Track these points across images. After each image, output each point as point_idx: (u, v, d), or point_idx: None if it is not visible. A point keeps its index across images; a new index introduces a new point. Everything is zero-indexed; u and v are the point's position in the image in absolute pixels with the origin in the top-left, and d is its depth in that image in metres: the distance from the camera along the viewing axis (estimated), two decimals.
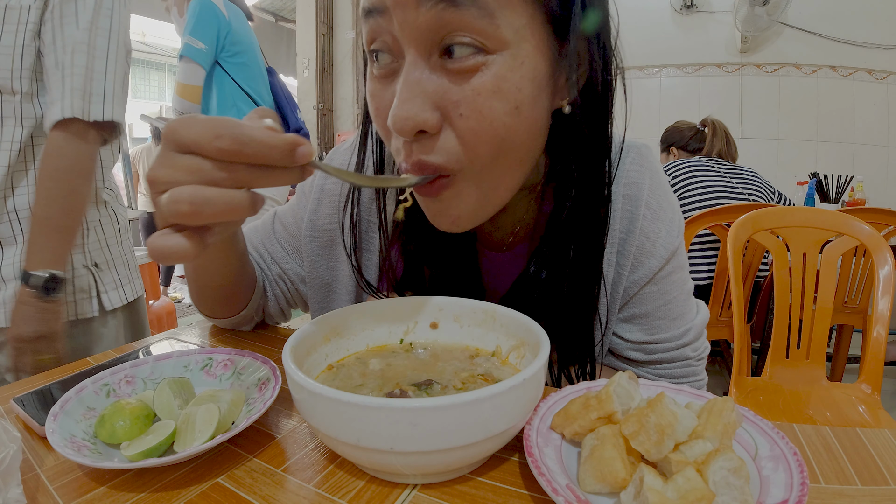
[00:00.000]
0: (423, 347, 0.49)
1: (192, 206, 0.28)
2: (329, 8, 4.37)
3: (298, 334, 0.42)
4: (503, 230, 0.54)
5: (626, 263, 0.52)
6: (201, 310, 0.63)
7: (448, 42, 0.35)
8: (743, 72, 3.21)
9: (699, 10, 3.23)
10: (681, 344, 0.54)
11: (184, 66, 1.60)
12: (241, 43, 1.68)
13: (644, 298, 0.53)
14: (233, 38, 1.66)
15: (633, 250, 0.51)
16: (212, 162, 0.29)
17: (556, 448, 0.35)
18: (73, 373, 0.52)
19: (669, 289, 0.53)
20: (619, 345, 0.56)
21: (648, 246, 0.52)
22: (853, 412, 1.11)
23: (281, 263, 0.65)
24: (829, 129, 3.09)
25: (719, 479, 0.29)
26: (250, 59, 1.71)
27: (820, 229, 1.22)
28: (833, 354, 2.05)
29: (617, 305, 0.53)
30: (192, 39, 1.56)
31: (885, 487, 0.33)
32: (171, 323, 2.21)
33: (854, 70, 2.99)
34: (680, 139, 2.17)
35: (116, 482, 0.35)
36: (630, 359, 0.56)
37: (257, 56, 1.75)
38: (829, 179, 2.33)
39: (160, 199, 0.30)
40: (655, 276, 0.52)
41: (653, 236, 0.52)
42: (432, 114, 0.36)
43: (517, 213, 0.53)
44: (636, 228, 0.51)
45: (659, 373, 0.56)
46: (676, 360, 0.55)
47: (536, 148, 0.42)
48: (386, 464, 0.33)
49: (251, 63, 1.72)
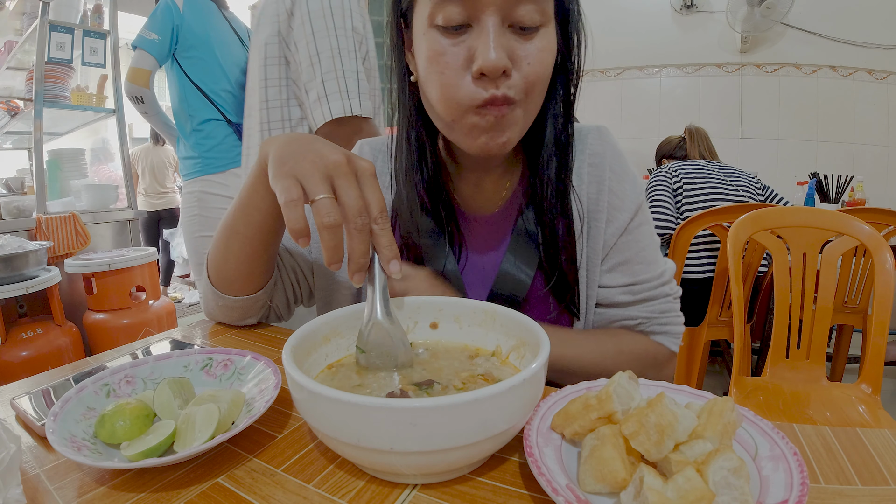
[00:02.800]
0: (424, 347, 0.49)
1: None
2: None
3: (298, 334, 0.41)
4: (486, 194, 0.66)
5: (601, 218, 0.63)
6: (218, 284, 0.63)
7: (519, 18, 0.49)
8: (743, 72, 3.20)
9: (699, 10, 3.23)
10: (661, 283, 0.64)
11: (135, 55, 1.71)
12: (195, 38, 1.75)
13: (622, 247, 0.63)
14: (186, 32, 1.73)
15: (605, 206, 0.63)
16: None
17: (556, 448, 0.35)
18: (73, 373, 0.52)
19: (641, 238, 0.64)
20: (608, 293, 0.64)
21: (617, 202, 0.63)
22: (853, 412, 1.11)
23: (294, 253, 0.69)
24: (829, 129, 3.08)
25: (719, 479, 0.29)
26: (205, 53, 1.77)
27: (820, 229, 1.22)
28: (833, 354, 2.05)
29: (599, 258, 0.63)
30: (145, 31, 1.70)
31: (885, 487, 0.33)
32: (171, 323, 2.21)
33: (854, 70, 2.99)
34: (669, 149, 2.33)
35: (116, 482, 0.35)
36: (620, 303, 0.64)
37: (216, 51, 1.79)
38: (829, 179, 2.33)
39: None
40: (627, 227, 0.63)
41: (620, 194, 0.63)
42: (509, 61, 0.50)
43: (501, 182, 0.65)
44: (605, 189, 0.63)
45: (646, 310, 0.63)
46: (659, 297, 0.64)
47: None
48: (386, 464, 0.33)
49: (207, 58, 1.77)
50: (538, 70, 0.51)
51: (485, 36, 0.49)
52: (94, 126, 2.65)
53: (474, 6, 0.49)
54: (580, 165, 0.64)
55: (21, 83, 2.58)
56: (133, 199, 2.39)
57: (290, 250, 0.69)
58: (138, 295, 2.06)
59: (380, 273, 0.45)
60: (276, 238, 0.59)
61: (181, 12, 1.71)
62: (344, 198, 0.42)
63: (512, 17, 0.49)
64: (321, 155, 0.43)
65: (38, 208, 2.03)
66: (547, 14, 0.51)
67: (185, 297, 4.13)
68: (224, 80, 1.80)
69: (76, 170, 2.41)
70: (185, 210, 1.83)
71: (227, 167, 1.78)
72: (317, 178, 0.42)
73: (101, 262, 1.93)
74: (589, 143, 0.64)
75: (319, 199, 0.41)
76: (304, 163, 0.43)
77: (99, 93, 2.32)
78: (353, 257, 0.42)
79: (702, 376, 1.79)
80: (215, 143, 1.77)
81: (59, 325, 1.85)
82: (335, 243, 0.41)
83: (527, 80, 0.51)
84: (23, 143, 3.29)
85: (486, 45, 0.48)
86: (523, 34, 0.50)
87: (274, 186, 0.44)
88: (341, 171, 0.43)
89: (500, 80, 0.50)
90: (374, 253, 0.44)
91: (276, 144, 0.46)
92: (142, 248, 2.22)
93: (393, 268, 0.44)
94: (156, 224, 4.05)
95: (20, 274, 1.71)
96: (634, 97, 3.49)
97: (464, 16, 0.49)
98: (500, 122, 0.52)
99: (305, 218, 0.42)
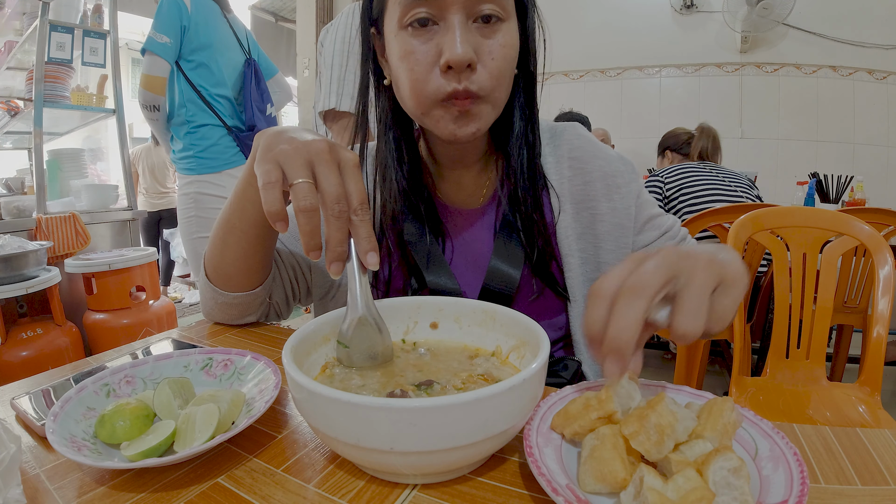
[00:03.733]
0: (424, 347, 0.49)
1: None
2: (329, 8, 4.37)
3: (298, 334, 0.41)
4: (467, 191, 0.69)
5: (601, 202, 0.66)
6: (216, 281, 0.63)
7: (480, 11, 0.53)
8: (743, 72, 3.20)
9: (699, 10, 3.22)
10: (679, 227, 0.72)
11: (148, 60, 1.66)
12: (199, 41, 1.71)
13: (642, 207, 0.69)
14: (192, 34, 1.69)
15: (602, 190, 0.66)
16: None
17: (556, 448, 0.35)
18: (73, 373, 0.52)
19: (650, 198, 0.71)
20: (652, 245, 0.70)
21: (618, 181, 0.67)
22: (853, 412, 1.11)
23: (294, 250, 0.69)
24: (829, 129, 3.08)
25: (719, 479, 0.29)
26: (208, 58, 1.74)
27: (820, 229, 1.22)
28: (833, 354, 2.05)
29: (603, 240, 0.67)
30: (155, 34, 1.63)
31: (885, 487, 0.33)
32: (171, 323, 2.21)
33: (854, 70, 2.99)
34: (675, 143, 2.32)
35: (116, 482, 0.35)
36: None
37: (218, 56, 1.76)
38: (829, 179, 2.32)
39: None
40: (640, 193, 0.69)
41: (615, 173, 0.67)
42: (475, 55, 0.53)
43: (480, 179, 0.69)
44: (596, 178, 0.66)
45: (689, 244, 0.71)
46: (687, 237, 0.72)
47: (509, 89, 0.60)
48: (386, 464, 0.33)
49: (209, 63, 1.74)
50: (501, 65, 0.55)
51: (451, 32, 0.52)
52: (94, 126, 2.65)
53: (440, 5, 0.52)
54: (559, 160, 0.68)
55: (21, 83, 2.58)
56: (133, 199, 2.39)
57: (287, 244, 0.70)
58: (138, 295, 2.06)
59: (359, 266, 0.45)
60: (271, 232, 0.60)
61: (189, 12, 1.66)
62: (323, 184, 0.42)
63: (475, 13, 0.53)
64: (304, 142, 0.44)
65: (38, 208, 2.03)
66: (507, 10, 0.55)
67: (185, 297, 4.13)
68: (223, 86, 1.79)
69: (76, 170, 2.41)
70: (181, 211, 1.82)
71: (223, 168, 1.77)
72: (297, 163, 0.42)
73: (101, 262, 1.93)
74: (566, 139, 0.69)
75: (297, 182, 0.42)
76: (286, 149, 0.43)
77: (99, 93, 2.32)
78: (330, 245, 0.42)
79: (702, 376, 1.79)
80: (210, 143, 1.76)
81: (59, 325, 1.85)
82: (311, 228, 0.41)
83: (491, 74, 0.54)
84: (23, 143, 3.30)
85: (452, 41, 0.52)
86: (487, 28, 0.54)
87: (256, 171, 0.44)
88: (323, 158, 0.43)
89: (465, 75, 0.53)
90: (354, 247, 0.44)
91: (266, 135, 0.47)
92: (142, 248, 2.22)
93: (371, 259, 0.44)
94: (156, 224, 4.04)
95: (20, 274, 1.71)
96: (634, 97, 3.49)
97: (430, 15, 0.53)
98: (465, 114, 0.56)
99: (282, 201, 0.43)
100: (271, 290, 0.68)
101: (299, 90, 4.48)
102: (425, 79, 0.54)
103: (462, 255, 0.67)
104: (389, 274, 0.65)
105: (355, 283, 0.45)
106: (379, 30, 0.60)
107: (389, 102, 0.63)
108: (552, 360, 0.62)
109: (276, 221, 0.42)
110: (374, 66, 0.63)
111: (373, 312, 0.45)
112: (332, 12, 4.38)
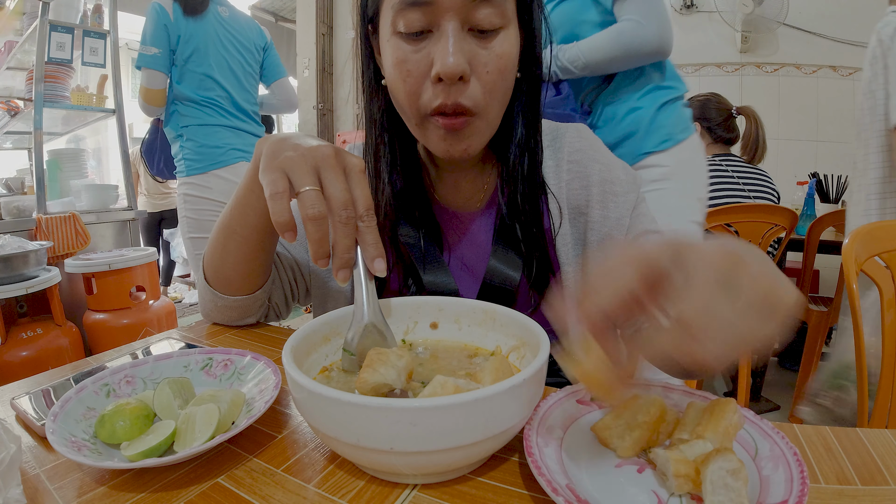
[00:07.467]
0: (424, 347, 0.49)
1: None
2: (329, 8, 4.37)
3: (298, 334, 0.41)
4: (465, 193, 0.67)
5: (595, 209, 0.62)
6: (215, 285, 0.63)
7: (476, 20, 0.49)
8: (743, 72, 3.20)
9: (699, 10, 3.22)
10: None
11: (144, 74, 1.68)
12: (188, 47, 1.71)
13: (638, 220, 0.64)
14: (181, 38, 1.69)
15: (598, 196, 0.62)
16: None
17: (556, 448, 0.35)
18: (73, 373, 0.52)
19: (648, 212, 0.65)
20: None
21: (615, 188, 0.63)
22: None
23: (293, 251, 0.69)
24: (829, 129, 3.08)
25: (717, 480, 0.29)
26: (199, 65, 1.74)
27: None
28: None
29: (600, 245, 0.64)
30: (144, 48, 1.65)
31: (885, 487, 0.33)
32: (171, 323, 2.20)
33: (854, 70, 2.98)
34: (715, 119, 1.95)
35: (116, 482, 0.35)
36: None
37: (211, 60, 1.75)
38: (829, 179, 2.32)
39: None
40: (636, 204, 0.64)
41: (614, 180, 0.63)
42: (468, 66, 0.50)
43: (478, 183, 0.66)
44: (594, 182, 0.63)
45: None
46: None
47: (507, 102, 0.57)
48: (386, 464, 0.33)
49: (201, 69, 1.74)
50: (496, 78, 0.52)
51: (444, 41, 0.49)
52: (94, 126, 2.65)
53: (433, 12, 0.49)
54: (559, 163, 0.64)
55: (21, 83, 2.58)
56: (133, 199, 2.39)
57: (287, 246, 0.69)
58: (138, 295, 2.06)
59: (367, 273, 0.44)
60: (272, 238, 0.59)
61: (171, 19, 1.67)
62: (330, 190, 0.42)
63: (471, 20, 0.50)
64: (310, 148, 0.43)
65: (38, 208, 2.03)
66: (506, 16, 0.51)
67: (185, 297, 4.12)
68: (217, 86, 1.79)
69: (76, 170, 2.41)
70: (178, 212, 1.85)
71: (208, 169, 1.78)
72: (303, 171, 0.42)
73: (101, 262, 1.93)
74: (568, 141, 0.65)
75: (304, 190, 0.41)
76: (292, 156, 0.43)
77: (99, 93, 2.31)
78: (337, 252, 0.42)
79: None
80: (197, 145, 1.77)
81: (59, 325, 1.85)
82: (320, 236, 0.41)
83: (485, 88, 0.51)
84: (23, 143, 3.30)
85: (444, 51, 0.49)
86: (483, 37, 0.51)
87: (262, 180, 0.44)
88: (328, 164, 0.43)
89: (458, 87, 0.50)
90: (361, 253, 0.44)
91: (269, 142, 0.46)
92: (142, 248, 2.22)
93: (378, 266, 0.44)
94: (157, 224, 4.04)
95: (20, 274, 1.71)
96: None
97: (423, 22, 0.50)
98: (458, 132, 0.53)
99: (290, 211, 0.42)
100: (271, 291, 0.68)
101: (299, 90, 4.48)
102: (418, 91, 0.52)
103: (459, 258, 0.66)
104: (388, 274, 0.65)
105: (362, 290, 0.44)
106: (374, 28, 0.58)
107: (386, 103, 0.61)
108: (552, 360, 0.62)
109: (286, 232, 0.42)
110: (373, 65, 0.61)
111: (379, 320, 0.45)
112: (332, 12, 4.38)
